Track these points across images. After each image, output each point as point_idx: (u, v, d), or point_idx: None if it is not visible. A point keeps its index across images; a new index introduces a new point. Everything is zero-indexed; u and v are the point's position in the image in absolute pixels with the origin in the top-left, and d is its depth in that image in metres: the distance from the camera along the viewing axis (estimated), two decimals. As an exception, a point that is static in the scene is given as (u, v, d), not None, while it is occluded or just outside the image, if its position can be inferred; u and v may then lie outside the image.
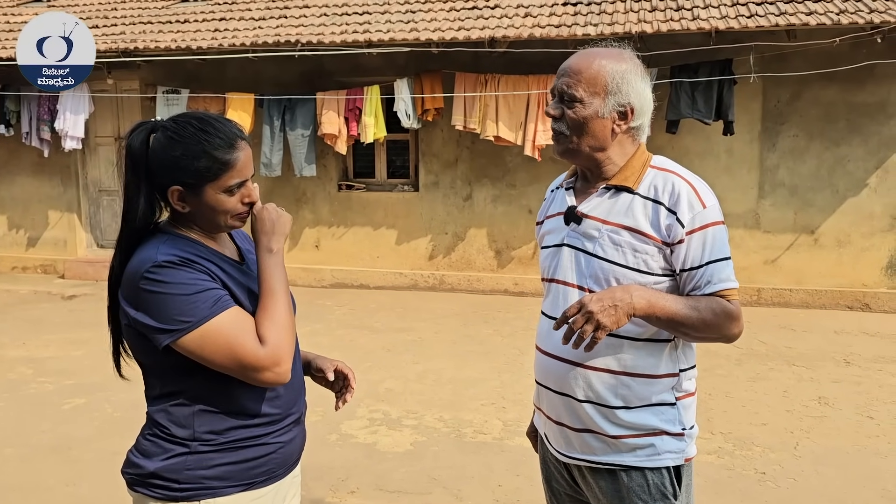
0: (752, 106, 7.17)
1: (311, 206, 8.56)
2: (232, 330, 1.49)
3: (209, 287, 1.50)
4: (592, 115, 1.71)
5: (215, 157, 1.54)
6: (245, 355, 1.49)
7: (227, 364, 1.50)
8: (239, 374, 1.51)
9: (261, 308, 1.56)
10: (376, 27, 7.52)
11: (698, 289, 1.69)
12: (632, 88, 1.72)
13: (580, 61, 1.74)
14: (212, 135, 1.55)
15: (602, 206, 1.75)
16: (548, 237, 1.89)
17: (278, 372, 1.52)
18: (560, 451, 1.84)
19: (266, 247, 1.62)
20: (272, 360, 1.50)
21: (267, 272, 1.59)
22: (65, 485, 3.68)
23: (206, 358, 1.50)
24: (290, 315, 1.57)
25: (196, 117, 1.58)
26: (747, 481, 3.71)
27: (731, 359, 5.67)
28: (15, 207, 9.55)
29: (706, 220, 1.67)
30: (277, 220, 1.65)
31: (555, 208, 1.90)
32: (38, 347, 6.15)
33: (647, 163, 1.76)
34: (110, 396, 4.89)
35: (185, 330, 1.48)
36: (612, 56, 1.74)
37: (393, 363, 5.65)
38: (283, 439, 1.66)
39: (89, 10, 9.49)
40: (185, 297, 1.48)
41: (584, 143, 1.74)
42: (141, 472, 1.58)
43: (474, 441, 4.21)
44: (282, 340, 1.52)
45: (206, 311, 1.48)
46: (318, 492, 3.56)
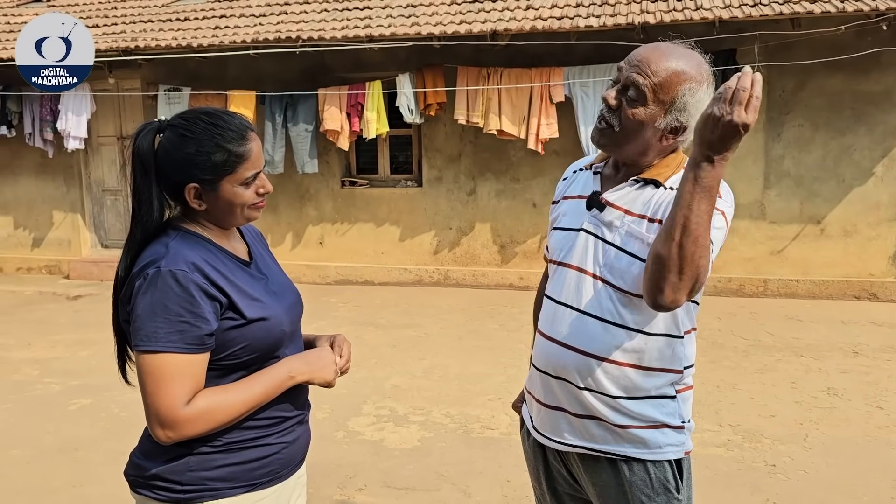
0: (756, 96, 7.12)
1: (315, 202, 8.54)
2: (173, 373, 1.45)
3: (188, 321, 1.46)
4: (650, 121, 1.63)
5: (230, 151, 1.52)
6: (160, 403, 1.44)
7: (144, 397, 1.47)
8: (146, 411, 1.47)
9: (233, 385, 1.53)
10: (377, 22, 7.48)
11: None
12: (696, 110, 1.60)
13: (659, 58, 1.62)
14: (223, 128, 1.53)
15: (627, 197, 1.70)
16: (564, 219, 1.84)
17: (169, 436, 1.46)
18: (554, 438, 1.79)
19: (295, 369, 1.60)
20: (175, 424, 1.45)
21: (269, 380, 1.56)
22: (71, 486, 3.68)
23: (139, 380, 1.48)
24: (237, 414, 1.51)
25: (205, 112, 1.56)
26: (757, 473, 3.69)
27: (739, 350, 5.65)
28: (19, 208, 9.55)
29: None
30: (322, 366, 1.65)
31: (575, 190, 1.85)
32: (44, 348, 6.15)
33: (681, 164, 1.71)
34: (116, 397, 4.89)
35: (140, 346, 1.46)
36: (692, 65, 1.62)
37: (399, 359, 5.64)
38: (287, 440, 1.64)
39: (89, 9, 9.47)
40: (161, 316, 1.45)
41: (628, 144, 1.68)
42: (143, 474, 1.57)
43: (482, 437, 4.19)
44: (201, 423, 1.47)
45: (167, 342, 1.45)
46: (326, 489, 3.55)
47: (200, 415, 1.47)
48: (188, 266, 1.48)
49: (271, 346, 1.60)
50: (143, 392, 1.47)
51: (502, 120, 7.28)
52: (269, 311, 1.59)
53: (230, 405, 1.51)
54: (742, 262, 7.30)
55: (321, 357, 1.68)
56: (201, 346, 1.48)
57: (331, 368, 1.67)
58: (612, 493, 1.74)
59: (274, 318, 1.59)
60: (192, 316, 1.46)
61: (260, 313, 1.56)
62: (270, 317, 1.58)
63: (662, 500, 1.70)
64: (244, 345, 1.54)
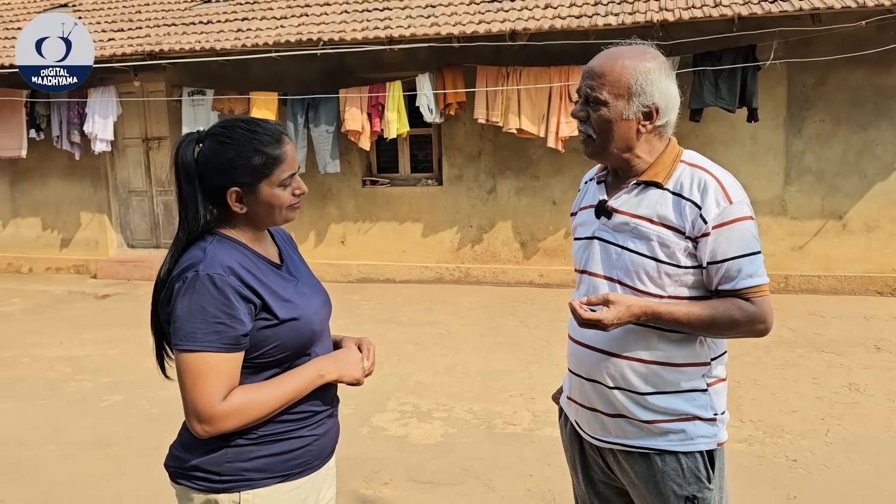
0: (777, 92, 7.11)
1: (337, 202, 8.64)
2: (210, 371, 1.53)
3: (224, 322, 1.54)
4: (617, 117, 1.73)
5: (267, 153, 1.61)
6: (199, 399, 1.53)
7: (183, 394, 1.55)
8: (184, 407, 1.56)
9: (266, 383, 1.61)
10: (397, 23, 7.56)
11: (725, 282, 1.72)
12: (656, 88, 1.72)
13: (603, 63, 1.75)
14: (260, 133, 1.61)
15: (631, 201, 1.78)
16: (580, 229, 1.93)
17: (206, 430, 1.54)
18: (594, 437, 1.88)
19: (325, 368, 1.69)
20: (212, 420, 1.53)
21: (301, 378, 1.64)
22: (107, 480, 3.79)
23: (178, 377, 1.56)
24: (270, 410, 1.60)
25: (242, 120, 1.65)
26: (778, 468, 3.71)
27: (760, 346, 5.65)
28: (48, 209, 9.76)
29: (732, 215, 1.69)
30: (350, 365, 1.73)
31: (587, 201, 1.94)
32: (75, 346, 6.30)
33: (677, 158, 1.79)
34: (147, 393, 5.01)
35: (179, 346, 1.54)
36: (636, 55, 1.74)
37: (421, 356, 5.71)
38: (318, 432, 1.72)
39: (114, 13, 9.64)
40: (199, 317, 1.53)
41: (609, 144, 1.77)
42: (183, 465, 1.64)
43: (504, 432, 4.25)
44: (236, 418, 1.55)
45: (205, 343, 1.53)
46: (352, 484, 3.63)
47: (235, 410, 1.55)
48: (224, 270, 1.56)
49: (302, 344, 1.68)
50: (182, 388, 1.55)
51: (522, 118, 7.33)
52: (300, 311, 1.66)
53: (264, 402, 1.59)
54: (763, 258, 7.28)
55: (349, 357, 1.76)
56: (237, 346, 1.56)
57: (359, 367, 1.75)
58: (645, 484, 1.82)
59: (304, 318, 1.67)
60: (228, 317, 1.54)
61: (291, 314, 1.64)
62: (301, 317, 1.66)
63: (694, 490, 1.77)
64: (277, 344, 1.62)
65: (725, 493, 1.86)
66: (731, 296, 1.72)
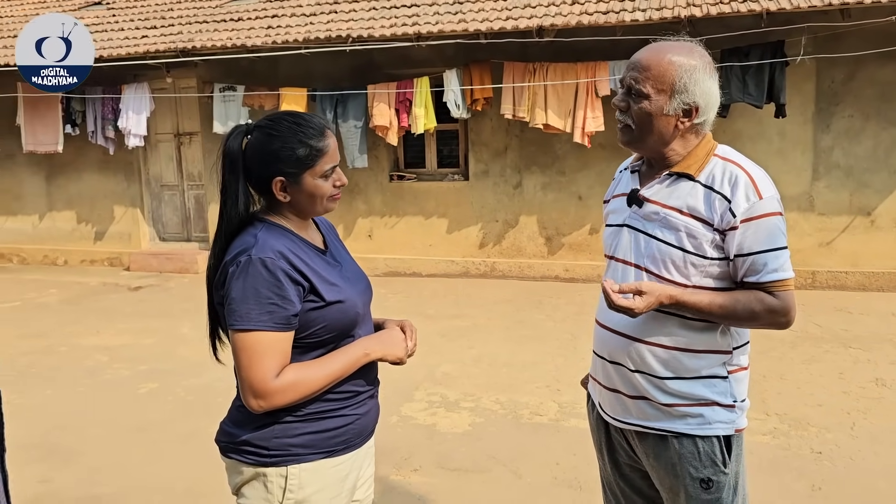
0: (805, 87, 7.09)
1: (364, 196, 8.75)
2: (264, 349, 1.62)
3: (276, 303, 1.63)
4: (657, 111, 1.77)
5: (311, 146, 1.69)
6: (254, 376, 1.62)
7: (238, 371, 1.65)
8: (239, 382, 1.66)
9: (315, 361, 1.70)
10: (425, 19, 7.64)
11: (750, 274, 1.76)
12: (698, 87, 1.76)
13: (650, 56, 1.79)
14: (304, 126, 1.70)
15: (663, 192, 1.83)
16: (612, 216, 1.99)
17: (261, 405, 1.63)
18: (615, 417, 1.94)
19: (370, 348, 1.78)
20: (266, 395, 1.62)
21: (347, 357, 1.73)
22: (144, 464, 3.92)
23: (233, 355, 1.66)
24: (319, 387, 1.68)
25: (288, 114, 1.74)
26: (803, 460, 3.75)
27: (786, 341, 5.66)
28: (83, 203, 9.99)
29: (762, 210, 1.73)
30: (393, 344, 1.82)
31: (620, 189, 1.99)
32: (112, 336, 6.47)
33: (711, 152, 1.83)
34: (181, 381, 5.16)
35: (235, 326, 1.63)
36: (683, 52, 1.78)
37: (448, 348, 5.80)
38: (360, 412, 1.81)
39: (146, 11, 9.82)
40: (253, 299, 1.62)
41: (647, 136, 1.82)
42: (234, 440, 1.74)
43: (531, 422, 4.33)
44: (289, 394, 1.64)
45: (259, 323, 1.62)
46: (383, 470, 3.72)
47: (288, 386, 1.64)
48: (275, 254, 1.65)
49: (347, 325, 1.76)
50: (237, 366, 1.65)
51: (548, 114, 7.37)
52: (345, 294, 1.75)
53: (313, 379, 1.68)
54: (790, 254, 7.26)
55: (392, 337, 1.85)
56: (288, 326, 1.65)
57: (402, 347, 1.84)
58: (663, 465, 1.88)
59: (349, 301, 1.76)
60: (280, 298, 1.63)
61: (337, 296, 1.73)
62: (346, 299, 1.75)
63: (709, 473, 1.82)
64: (324, 325, 1.71)
65: (742, 479, 1.90)
66: (756, 288, 1.77)
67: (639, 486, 2.05)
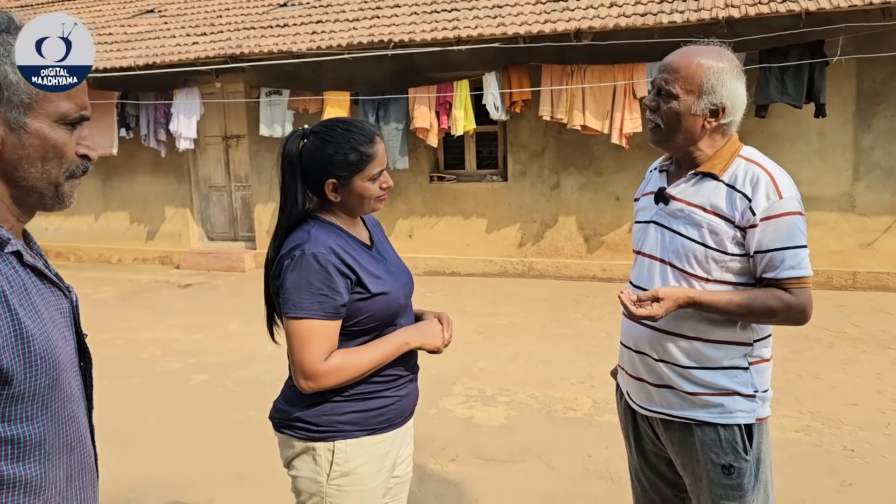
0: (845, 87, 7.05)
1: (405, 197, 8.94)
2: (314, 335, 1.79)
3: (326, 294, 1.79)
4: (686, 111, 1.88)
5: (362, 152, 1.86)
6: (305, 359, 1.79)
7: (290, 354, 1.82)
8: (291, 365, 1.83)
9: (360, 347, 1.87)
10: (464, 23, 7.79)
11: (769, 271, 1.85)
12: (725, 89, 1.87)
13: (680, 59, 1.90)
14: (356, 133, 1.87)
15: (688, 190, 1.94)
16: (640, 213, 2.11)
17: (311, 386, 1.80)
18: (640, 405, 2.06)
19: (410, 337, 1.93)
20: (316, 377, 1.79)
21: (389, 345, 1.89)
22: (196, 450, 4.15)
23: (287, 340, 1.83)
24: (364, 371, 1.85)
25: (341, 121, 1.91)
26: (835, 457, 3.79)
27: (823, 342, 5.67)
28: (135, 204, 10.39)
29: (781, 209, 1.82)
30: (432, 335, 1.98)
31: (649, 188, 2.10)
32: (163, 330, 6.77)
33: (736, 153, 1.92)
34: (229, 373, 5.40)
35: (289, 314, 1.80)
36: (711, 56, 1.89)
37: (485, 345, 5.95)
38: (401, 394, 1.97)
39: (197, 18, 10.17)
40: (306, 290, 1.79)
41: (675, 135, 1.93)
42: (286, 417, 1.91)
43: (565, 416, 4.45)
44: (336, 376, 1.81)
45: (311, 311, 1.79)
46: (421, 459, 3.89)
47: (335, 370, 1.81)
48: (326, 249, 1.82)
49: (390, 315, 1.93)
50: (290, 350, 1.83)
51: (586, 115, 7.46)
52: (389, 286, 1.92)
53: (358, 363, 1.84)
54: (829, 255, 7.24)
55: (431, 327, 2.00)
56: (336, 315, 1.82)
57: (439, 337, 1.99)
58: (686, 452, 1.98)
59: (392, 293, 1.92)
60: (330, 290, 1.80)
61: (381, 288, 1.89)
62: (390, 291, 1.91)
63: (730, 460, 1.92)
64: (369, 314, 1.88)
65: (766, 467, 1.99)
66: (773, 285, 1.85)
67: (664, 472, 2.15)
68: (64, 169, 1.16)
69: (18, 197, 1.15)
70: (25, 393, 1.06)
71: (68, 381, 1.15)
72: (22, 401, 1.06)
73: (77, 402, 1.19)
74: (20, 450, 1.07)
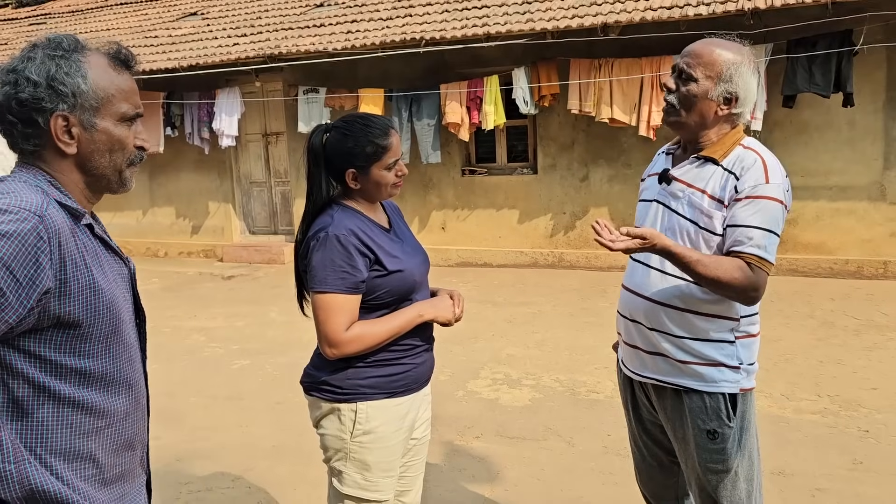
0: (875, 76, 7.04)
1: (437, 190, 9.17)
2: (337, 308, 2.02)
3: (347, 271, 2.02)
4: (702, 94, 2.04)
5: (378, 144, 2.08)
6: (328, 329, 2.02)
7: (317, 325, 2.05)
8: (317, 334, 2.06)
9: (379, 320, 2.08)
10: (494, 20, 7.96)
11: (736, 245, 1.97)
12: (742, 80, 2.04)
13: (703, 47, 2.07)
14: (372, 127, 2.09)
15: (690, 173, 2.10)
16: (645, 192, 2.28)
17: (334, 352, 2.03)
18: (634, 371, 2.24)
19: (423, 310, 2.15)
20: (338, 344, 2.02)
21: (404, 317, 2.11)
22: (238, 426, 4.44)
23: (313, 312, 2.06)
24: (381, 340, 2.06)
25: (359, 116, 2.14)
26: (848, 437, 3.89)
27: (849, 329, 5.73)
28: (180, 200, 10.80)
29: (765, 192, 1.96)
30: (444, 308, 2.19)
31: (655, 169, 2.27)
32: (207, 319, 7.11)
33: (737, 142, 2.08)
34: (269, 359, 5.69)
35: (314, 288, 2.03)
36: (732, 48, 2.06)
37: (514, 332, 6.14)
38: (417, 361, 2.19)
39: (238, 19, 10.52)
40: (329, 267, 2.01)
41: (689, 117, 2.08)
42: (314, 381, 2.15)
43: (587, 399, 4.62)
44: (356, 344, 2.03)
45: (333, 286, 2.01)
46: (448, 436, 4.11)
47: (355, 338, 2.04)
48: (347, 231, 2.04)
49: (406, 291, 2.15)
50: (315, 321, 2.06)
51: (614, 108, 7.58)
52: (404, 265, 2.13)
53: (377, 333, 2.07)
54: (860, 244, 7.25)
55: (443, 302, 2.22)
56: (356, 290, 2.05)
57: (450, 311, 2.20)
58: (675, 417, 2.15)
59: (408, 271, 2.14)
60: (351, 267, 2.03)
61: (397, 266, 2.11)
62: (405, 269, 2.13)
63: (715, 426, 2.08)
64: (386, 289, 2.10)
65: (752, 436, 2.13)
66: (738, 257, 1.96)
67: (659, 438, 2.32)
68: (125, 158, 1.42)
69: (90, 183, 1.42)
70: (92, 335, 1.33)
71: (127, 332, 1.43)
72: (89, 340, 1.33)
73: (134, 350, 1.47)
74: (86, 379, 1.34)
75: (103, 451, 1.39)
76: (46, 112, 1.32)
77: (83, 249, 1.33)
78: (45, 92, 1.31)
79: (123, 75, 1.41)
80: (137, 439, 1.49)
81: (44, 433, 1.30)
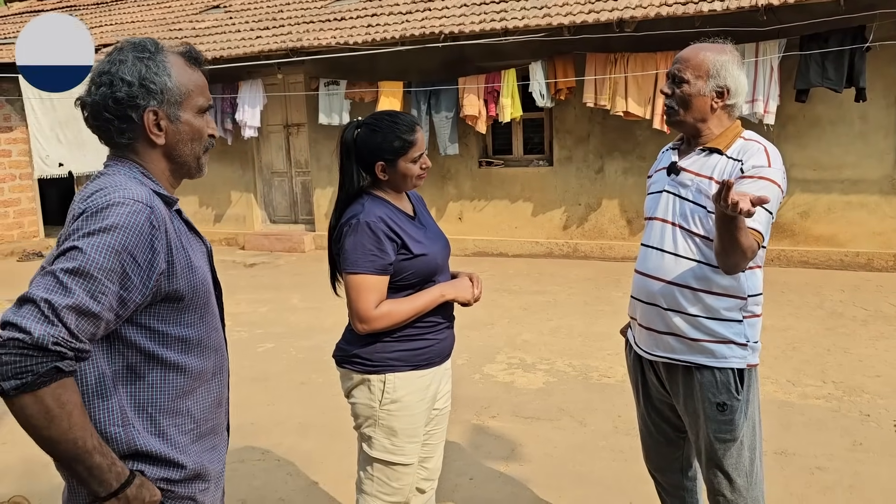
0: (888, 71, 7.12)
1: (455, 181, 9.35)
2: (367, 287, 2.21)
3: (377, 254, 2.21)
4: (696, 92, 2.24)
5: (404, 139, 2.28)
6: (359, 307, 2.22)
7: (349, 303, 2.25)
8: (349, 311, 2.26)
9: (405, 299, 2.28)
10: (512, 15, 8.11)
11: None
12: (728, 74, 2.23)
13: (689, 52, 2.28)
14: (399, 124, 2.29)
15: (696, 163, 2.28)
16: (653, 185, 2.45)
17: (364, 328, 2.23)
18: (647, 350, 2.40)
19: (445, 290, 2.34)
20: (368, 320, 2.21)
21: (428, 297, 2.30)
22: (265, 405, 4.66)
23: (345, 291, 2.26)
24: (406, 317, 2.26)
25: (387, 114, 2.33)
26: (850, 421, 4.04)
27: (857, 320, 5.86)
28: (204, 189, 11.04)
29: (765, 173, 2.14)
30: (463, 289, 2.38)
31: (661, 164, 2.44)
32: (231, 305, 7.33)
33: (738, 135, 2.27)
34: (293, 343, 5.91)
35: (347, 270, 2.23)
36: (715, 49, 2.27)
37: (529, 320, 6.32)
38: (440, 337, 2.39)
39: (260, 13, 10.73)
40: (360, 251, 2.21)
41: (688, 115, 2.28)
42: (346, 354, 2.35)
43: (599, 382, 4.80)
44: (384, 320, 2.22)
45: (364, 268, 2.21)
46: (465, 415, 4.31)
47: (384, 315, 2.24)
48: (377, 218, 2.24)
49: (429, 273, 2.34)
50: (348, 299, 2.26)
51: (629, 102, 7.72)
52: (428, 249, 2.33)
53: (403, 311, 2.27)
54: (871, 237, 7.36)
55: (463, 283, 2.41)
56: (384, 271, 2.25)
57: (469, 292, 2.40)
58: (687, 393, 2.33)
59: (431, 255, 2.34)
60: (379, 251, 2.23)
61: (422, 250, 2.31)
62: (429, 253, 2.33)
63: (724, 398, 2.25)
64: (412, 271, 2.29)
65: (755, 407, 2.31)
66: None
67: (667, 415, 2.50)
68: (203, 146, 1.63)
69: (174, 170, 1.62)
70: (191, 307, 1.54)
71: (213, 303, 1.65)
72: (188, 312, 1.54)
73: (218, 319, 1.70)
74: (188, 346, 1.56)
75: (199, 409, 1.61)
76: (140, 108, 1.51)
77: (179, 233, 1.53)
78: (138, 90, 1.49)
79: (197, 72, 1.61)
80: (224, 397, 1.73)
81: (154, 394, 1.51)
